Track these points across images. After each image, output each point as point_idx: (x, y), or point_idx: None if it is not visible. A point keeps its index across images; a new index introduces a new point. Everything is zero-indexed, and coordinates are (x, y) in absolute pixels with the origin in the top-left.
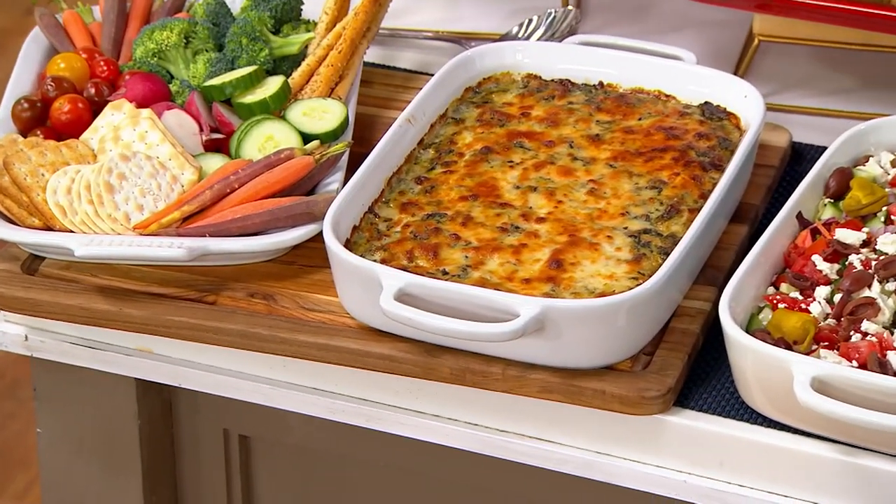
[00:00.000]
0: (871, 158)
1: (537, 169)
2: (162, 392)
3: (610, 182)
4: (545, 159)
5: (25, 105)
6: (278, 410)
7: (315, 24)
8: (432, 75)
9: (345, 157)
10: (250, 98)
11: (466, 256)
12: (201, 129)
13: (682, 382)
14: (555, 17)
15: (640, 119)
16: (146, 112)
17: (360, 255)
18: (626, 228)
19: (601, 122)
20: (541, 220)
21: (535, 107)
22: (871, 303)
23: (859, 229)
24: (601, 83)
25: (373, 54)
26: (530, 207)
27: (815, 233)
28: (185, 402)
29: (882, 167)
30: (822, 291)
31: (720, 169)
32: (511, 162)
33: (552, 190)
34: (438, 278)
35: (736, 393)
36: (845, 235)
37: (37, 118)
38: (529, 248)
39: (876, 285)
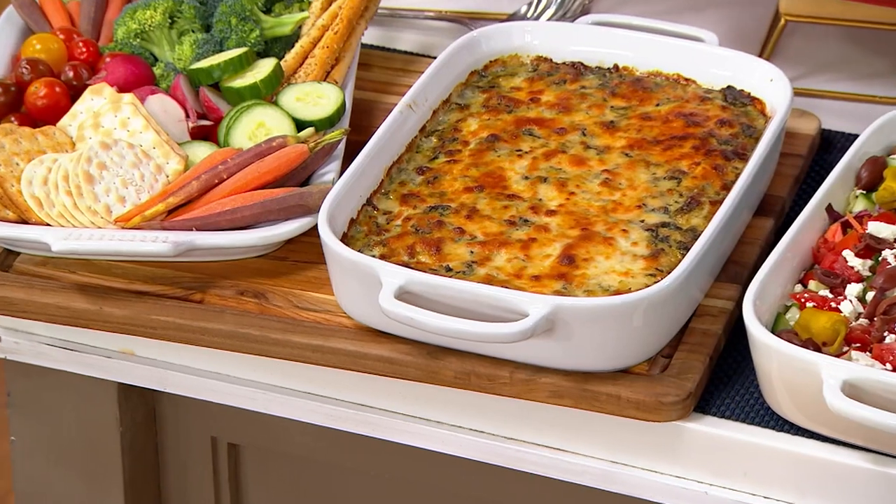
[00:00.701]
0: None
1: (547, 158)
2: (145, 397)
3: (625, 172)
4: (556, 148)
5: None
6: (270, 417)
7: (309, 2)
8: (435, 58)
9: (341, 146)
10: (240, 82)
11: (472, 252)
12: (187, 116)
13: (703, 387)
14: None
15: (657, 105)
16: (128, 97)
17: (358, 251)
18: (642, 222)
19: (616, 108)
20: (551, 212)
21: (545, 92)
22: None
23: (894, 223)
24: (616, 66)
25: (371, 35)
26: (540, 199)
27: (845, 226)
28: (170, 407)
29: None
30: (853, 289)
31: (744, 158)
32: (519, 151)
33: (563, 181)
34: (442, 275)
35: (761, 398)
36: (878, 229)
37: (11, 103)
38: (539, 243)
39: None
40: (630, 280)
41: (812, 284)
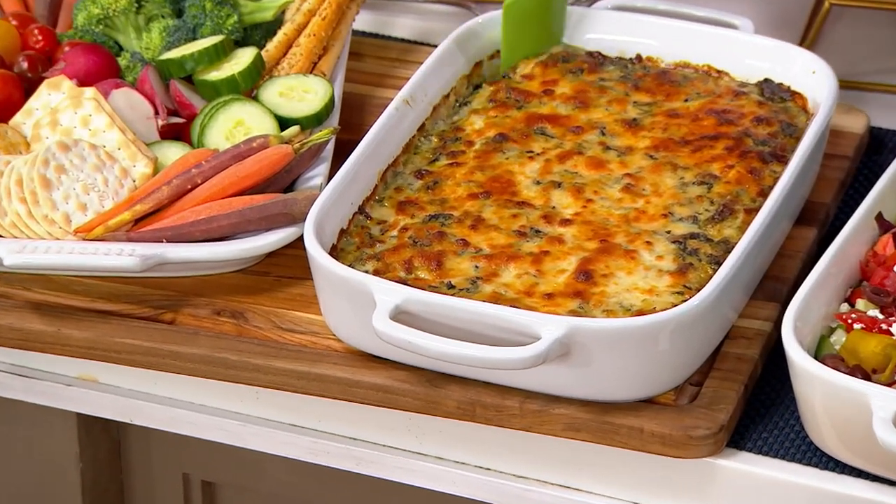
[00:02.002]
0: None
1: (562, 160)
2: (109, 430)
3: (650, 176)
4: (572, 149)
5: None
6: (250, 452)
7: None
8: (435, 46)
9: (330, 147)
10: (216, 75)
11: (476, 267)
12: (157, 113)
13: (737, 419)
14: None
15: (686, 100)
16: (90, 92)
17: (349, 265)
18: (668, 233)
19: (639, 103)
20: (566, 222)
21: (559, 82)
22: None
23: None
24: (639, 56)
25: (363, 21)
26: (553, 207)
27: None
28: (136, 441)
29: None
30: None
31: (783, 160)
32: (530, 152)
33: (580, 186)
34: (443, 293)
35: (802, 432)
36: None
37: None
38: (552, 257)
39: None
40: (655, 298)
41: (860, 303)
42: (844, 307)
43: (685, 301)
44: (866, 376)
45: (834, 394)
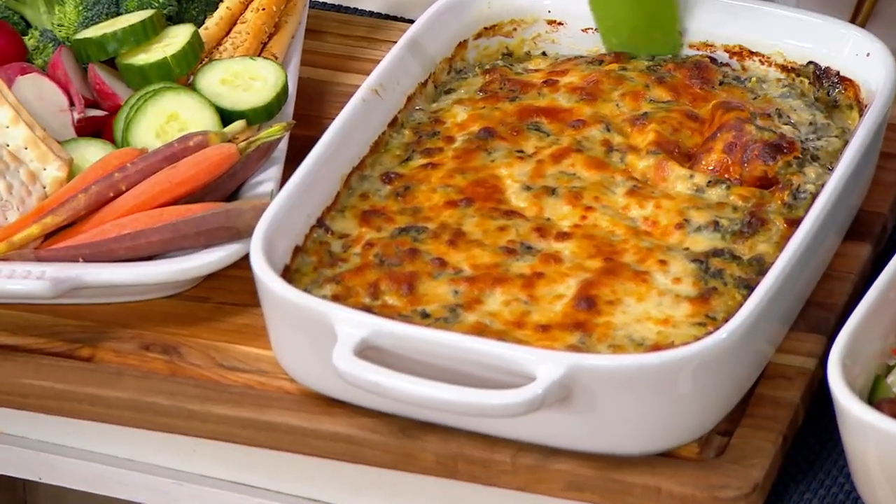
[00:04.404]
0: None
1: (557, 160)
2: (14, 489)
3: (655, 174)
4: (569, 146)
5: None
6: None
7: None
8: (411, 22)
9: (283, 145)
10: (144, 58)
11: (456, 292)
12: (72, 104)
13: (775, 476)
14: None
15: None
16: None
17: (305, 290)
18: (686, 250)
19: (657, 101)
20: (563, 236)
21: (570, 72)
22: None
23: None
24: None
25: None
26: (548, 219)
27: None
28: (47, 503)
29: None
30: None
31: (789, 151)
32: (521, 152)
33: (577, 192)
34: (416, 324)
35: (854, 493)
36: None
37: None
38: (547, 280)
39: None
40: (672, 331)
41: None
42: None
43: (710, 334)
44: None
45: (891, 446)
